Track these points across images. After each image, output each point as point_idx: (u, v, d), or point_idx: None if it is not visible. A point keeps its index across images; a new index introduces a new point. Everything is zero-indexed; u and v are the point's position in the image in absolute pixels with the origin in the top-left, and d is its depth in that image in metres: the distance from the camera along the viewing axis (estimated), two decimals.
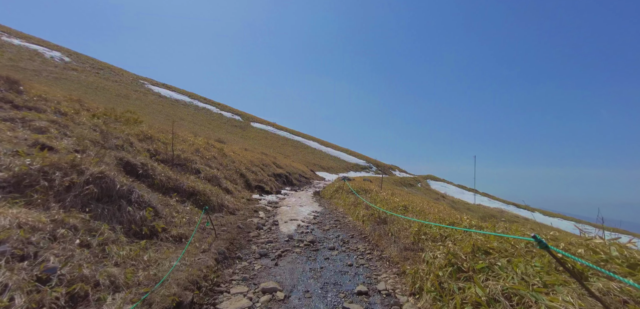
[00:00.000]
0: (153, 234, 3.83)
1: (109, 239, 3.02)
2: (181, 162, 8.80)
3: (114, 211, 3.50)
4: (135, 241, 3.42)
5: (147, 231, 3.69)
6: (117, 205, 3.60)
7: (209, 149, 12.28)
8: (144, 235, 3.67)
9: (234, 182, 11.10)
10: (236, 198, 9.39)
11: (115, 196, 3.69)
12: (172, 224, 4.44)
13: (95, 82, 29.55)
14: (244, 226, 6.55)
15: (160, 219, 4.23)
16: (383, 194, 10.47)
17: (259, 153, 21.95)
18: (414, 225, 4.91)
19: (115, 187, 3.74)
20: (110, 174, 3.82)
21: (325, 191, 14.70)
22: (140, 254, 3.15)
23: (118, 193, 3.74)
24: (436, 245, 3.63)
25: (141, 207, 3.93)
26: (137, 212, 3.77)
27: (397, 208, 7.34)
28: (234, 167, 12.49)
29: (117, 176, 3.96)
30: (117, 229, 3.29)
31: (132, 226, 3.57)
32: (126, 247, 3.09)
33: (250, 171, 14.01)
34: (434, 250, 3.41)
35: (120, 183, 3.86)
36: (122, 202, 3.67)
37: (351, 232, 6.29)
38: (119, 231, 3.29)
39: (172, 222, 4.45)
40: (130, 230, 3.51)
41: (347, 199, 10.21)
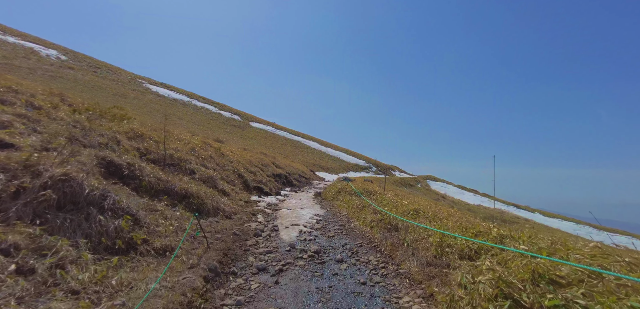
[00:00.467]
0: (130, 247, 3.18)
1: (66, 258, 2.37)
2: (174, 162, 8.13)
3: (79, 221, 2.84)
4: (105, 258, 2.77)
5: (122, 244, 3.04)
6: (84, 214, 2.95)
7: (206, 148, 11.61)
8: (118, 250, 3.02)
9: (231, 184, 10.44)
10: (233, 200, 8.73)
11: (82, 202, 3.03)
12: (156, 233, 3.78)
13: (92, 81, 28.80)
14: (240, 232, 5.88)
15: (142, 229, 3.57)
16: (388, 196, 9.83)
17: (258, 153, 21.28)
18: (434, 235, 4.27)
19: (82, 192, 3.08)
20: (77, 176, 3.16)
21: (326, 192, 14.05)
22: (108, 275, 2.50)
23: (87, 199, 3.09)
24: (471, 265, 2.98)
25: (117, 216, 3.28)
26: (110, 221, 3.12)
27: (407, 213, 6.70)
28: (231, 167, 11.82)
29: (87, 179, 3.30)
30: (81, 244, 2.64)
31: (103, 240, 2.91)
32: (91, 267, 2.45)
33: (248, 171, 13.35)
34: (471, 271, 2.77)
35: (90, 187, 3.20)
36: (92, 210, 3.02)
37: (359, 239, 5.64)
38: (83, 246, 2.64)
39: (155, 232, 3.79)
40: (100, 244, 2.86)
41: (351, 201, 9.56)
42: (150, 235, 3.63)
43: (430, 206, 7.88)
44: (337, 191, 12.15)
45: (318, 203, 11.20)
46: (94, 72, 30.92)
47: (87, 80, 28.67)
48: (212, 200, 7.14)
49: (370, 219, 6.34)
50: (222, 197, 8.09)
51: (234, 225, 6.39)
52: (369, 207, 7.69)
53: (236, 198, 9.21)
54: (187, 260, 3.58)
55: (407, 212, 6.69)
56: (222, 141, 24.87)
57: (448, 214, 7.40)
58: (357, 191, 10.05)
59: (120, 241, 3.05)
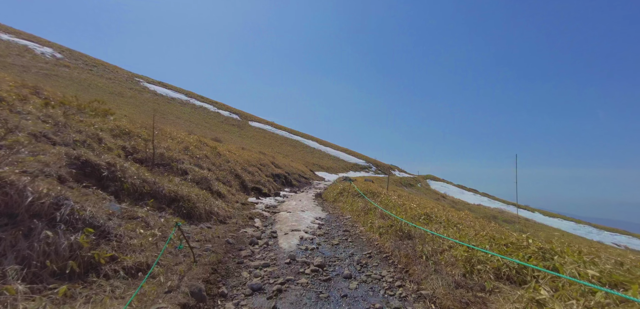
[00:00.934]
0: (91, 269, 2.51)
1: None
2: (165, 161, 7.45)
3: (13, 239, 2.17)
4: (48, 289, 2.11)
5: (77, 266, 2.37)
6: (23, 229, 2.28)
7: (201, 147, 10.92)
8: (71, 275, 2.35)
9: (227, 185, 9.76)
10: (229, 203, 8.05)
11: (23, 214, 2.36)
12: (129, 248, 3.10)
13: (87, 79, 28.02)
14: (235, 240, 5.21)
15: (110, 243, 2.90)
16: (394, 197, 9.17)
17: (257, 152, 20.59)
18: (457, 247, 3.60)
19: (23, 200, 2.39)
20: (17, 180, 2.48)
21: (327, 193, 13.38)
22: None
23: (30, 210, 2.41)
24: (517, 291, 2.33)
25: (74, 229, 2.61)
26: (63, 237, 2.45)
27: (417, 217, 6.04)
28: (228, 167, 11.14)
29: (33, 183, 2.63)
30: (8, 273, 1.97)
31: (48, 263, 2.24)
32: (20, 306, 1.78)
33: (246, 171, 12.67)
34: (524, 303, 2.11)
35: (35, 194, 2.53)
36: (35, 225, 2.35)
37: (367, 248, 4.97)
38: (13, 275, 1.97)
39: (129, 246, 3.11)
40: (43, 269, 2.20)
41: (354, 203, 8.90)
42: (121, 250, 2.96)
43: (441, 210, 7.23)
44: (339, 192, 11.49)
45: (319, 205, 10.54)
46: (90, 70, 30.12)
47: (83, 78, 27.90)
48: (205, 203, 6.46)
49: (378, 225, 5.68)
50: (216, 199, 7.41)
51: (228, 231, 5.72)
52: (375, 210, 7.03)
53: (232, 200, 8.53)
54: (166, 281, 2.90)
55: (418, 217, 6.03)
56: (220, 140, 24.19)
57: (459, 217, 6.76)
58: (361, 193, 9.39)
59: (74, 263, 2.38)
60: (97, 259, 2.53)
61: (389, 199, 8.70)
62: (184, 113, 32.23)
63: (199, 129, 28.56)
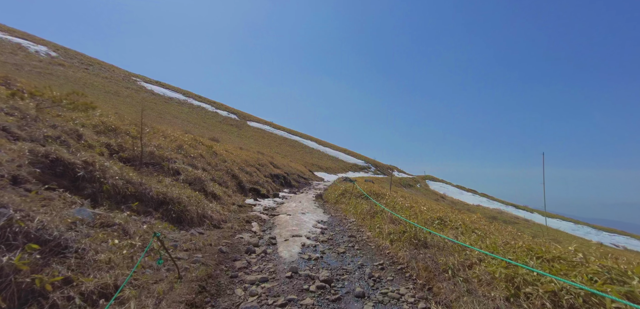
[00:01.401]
0: (32, 299, 1.89)
1: None
2: (155, 160, 6.80)
3: None
4: None
5: (3, 302, 1.75)
6: None
7: (196, 146, 10.27)
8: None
9: (223, 185, 9.12)
10: (225, 205, 7.42)
11: None
12: (93, 265, 2.47)
13: (83, 78, 27.24)
14: (229, 248, 4.58)
15: (64, 262, 2.27)
16: (400, 199, 8.57)
17: (255, 152, 19.95)
18: (491, 263, 2.99)
19: None
20: None
21: (328, 194, 12.77)
22: None
23: None
24: None
25: (10, 247, 1.99)
26: None
27: (430, 222, 5.44)
28: (224, 167, 10.50)
29: None
30: None
31: None
32: None
33: (244, 171, 12.03)
34: None
35: None
36: None
37: (378, 258, 4.36)
38: None
39: (93, 263, 2.48)
40: None
41: (358, 205, 8.28)
42: (81, 270, 2.33)
43: (453, 213, 6.64)
44: (341, 193, 10.87)
45: (320, 207, 9.92)
46: (85, 69, 29.34)
47: (78, 77, 27.13)
48: (198, 206, 5.83)
49: (388, 230, 5.07)
50: (210, 202, 6.77)
51: (222, 237, 5.09)
52: (382, 213, 6.42)
53: (228, 202, 7.90)
54: (138, 307, 2.27)
55: (431, 222, 5.43)
56: (217, 139, 23.52)
57: (471, 221, 6.16)
58: (365, 194, 8.78)
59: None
60: (39, 287, 1.90)
61: (394, 200, 8.09)
62: (182, 113, 31.51)
63: (197, 128, 27.87)
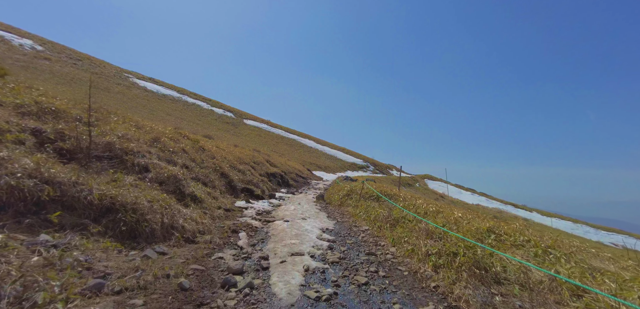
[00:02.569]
0: None
1: None
2: (114, 154, 5.17)
3: None
4: None
5: None
6: None
7: (178, 140, 8.63)
8: None
9: (209, 185, 7.52)
10: (207, 210, 5.82)
11: None
12: None
13: (70, 73, 25.35)
14: (195, 281, 2.99)
15: None
16: (419, 201, 7.03)
17: (250, 150, 18.32)
18: None
19: None
20: None
21: (330, 195, 11.20)
22: None
23: None
24: None
25: None
26: None
27: (479, 234, 3.90)
28: (212, 164, 8.88)
29: None
30: None
31: None
32: None
33: (236, 169, 10.42)
34: None
35: None
36: None
37: (421, 295, 2.82)
38: None
39: None
40: None
41: (371, 209, 6.74)
42: None
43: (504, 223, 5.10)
44: (346, 194, 9.31)
45: (322, 210, 8.36)
46: (74, 64, 27.42)
47: (66, 72, 25.22)
48: (164, 213, 4.22)
49: (426, 249, 3.51)
50: (186, 207, 5.17)
51: (191, 260, 3.50)
52: (406, 221, 4.86)
53: (212, 206, 6.29)
54: None
55: (478, 233, 3.89)
56: (211, 137, 21.85)
57: (539, 237, 4.64)
58: (379, 194, 7.22)
59: None
60: None
61: (413, 203, 6.55)
62: (175, 110, 29.73)
63: (190, 126, 26.14)
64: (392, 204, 5.98)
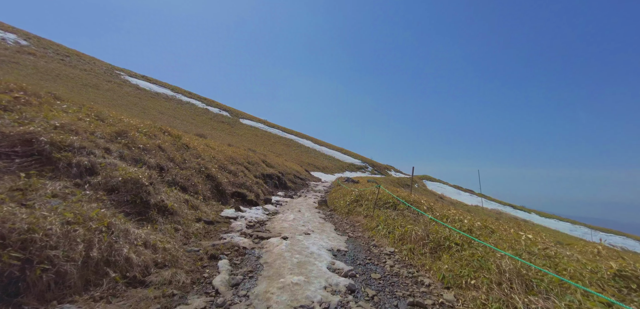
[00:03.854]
0: None
1: None
2: (38, 149, 3.56)
3: None
4: None
5: None
6: None
7: (155, 135, 7.00)
8: None
9: (189, 190, 5.92)
10: (179, 225, 4.22)
11: None
12: None
13: (56, 69, 23.43)
14: None
15: None
16: (452, 211, 5.51)
17: (245, 149, 16.69)
18: None
19: None
20: None
21: (334, 199, 9.63)
22: None
23: None
24: None
25: None
26: None
27: (603, 281, 2.37)
28: (196, 165, 7.27)
29: None
30: None
31: None
32: None
33: (226, 171, 8.82)
34: None
35: None
36: None
37: None
38: None
39: None
40: None
41: (391, 220, 5.19)
42: None
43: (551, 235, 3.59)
44: (354, 200, 7.76)
45: (327, 219, 6.80)
46: (61, 60, 25.49)
47: (51, 68, 23.31)
48: (93, 243, 2.62)
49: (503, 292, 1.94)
50: (139, 228, 3.55)
51: None
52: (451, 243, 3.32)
53: (189, 219, 4.69)
54: None
55: (602, 281, 2.35)
56: (205, 136, 20.14)
57: None
58: (406, 203, 5.68)
59: None
60: None
61: (446, 214, 5.02)
62: (168, 109, 27.93)
63: (183, 125, 24.40)
64: (427, 217, 4.43)
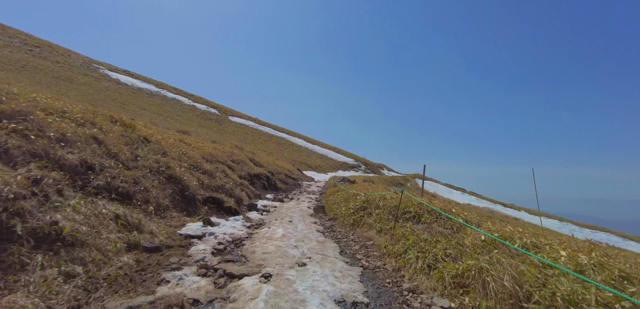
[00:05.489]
0: None
1: None
2: None
3: None
4: None
5: None
6: None
7: (93, 124, 5.01)
8: None
9: (137, 198, 4.01)
10: (76, 266, 2.33)
11: None
12: None
13: (22, 60, 20.68)
14: None
15: None
16: (509, 228, 3.79)
17: (231, 146, 14.69)
18: None
19: None
20: None
21: (332, 203, 7.81)
22: None
23: None
24: None
25: None
26: None
27: None
28: (154, 163, 5.32)
29: None
30: None
31: None
32: None
33: (200, 170, 6.89)
34: None
35: None
36: None
37: None
38: None
39: None
40: None
41: (420, 238, 3.46)
42: None
43: None
44: (360, 207, 5.96)
45: (328, 233, 5.01)
46: (30, 50, 22.68)
47: (16, 58, 20.54)
48: None
49: None
50: None
51: None
52: None
53: (110, 249, 2.79)
54: None
55: None
56: (188, 132, 17.95)
57: None
58: (452, 217, 3.91)
59: None
60: None
61: (506, 234, 3.28)
62: (152, 105, 25.46)
63: (167, 122, 22.08)
64: (481, 234, 2.67)
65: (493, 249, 2.90)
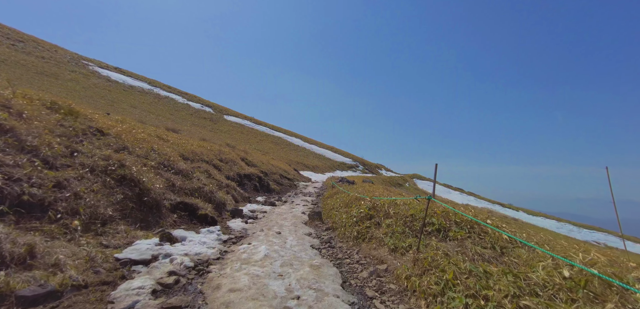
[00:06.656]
0: None
1: None
2: None
3: None
4: None
5: None
6: None
7: (7, 107, 3.70)
8: None
9: (57, 213, 2.72)
10: None
11: None
12: None
13: (3, 54, 19.18)
14: None
15: None
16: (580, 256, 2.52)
17: (220, 145, 13.38)
18: None
19: None
20: None
21: (330, 208, 6.54)
22: None
23: None
24: None
25: None
26: None
27: None
28: (103, 160, 4.02)
29: None
30: None
31: None
32: None
33: (172, 170, 5.59)
34: None
35: None
36: None
37: None
38: None
39: None
40: None
41: (460, 268, 2.24)
42: None
43: None
44: (366, 216, 4.71)
45: (325, 250, 3.75)
46: (12, 45, 21.18)
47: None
48: None
49: None
50: None
51: None
52: None
53: None
54: None
55: None
56: (178, 131, 16.62)
57: None
58: (499, 231, 2.61)
59: None
60: None
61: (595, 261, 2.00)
62: (143, 103, 24.04)
63: (157, 119, 20.69)
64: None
65: (590, 293, 1.68)
